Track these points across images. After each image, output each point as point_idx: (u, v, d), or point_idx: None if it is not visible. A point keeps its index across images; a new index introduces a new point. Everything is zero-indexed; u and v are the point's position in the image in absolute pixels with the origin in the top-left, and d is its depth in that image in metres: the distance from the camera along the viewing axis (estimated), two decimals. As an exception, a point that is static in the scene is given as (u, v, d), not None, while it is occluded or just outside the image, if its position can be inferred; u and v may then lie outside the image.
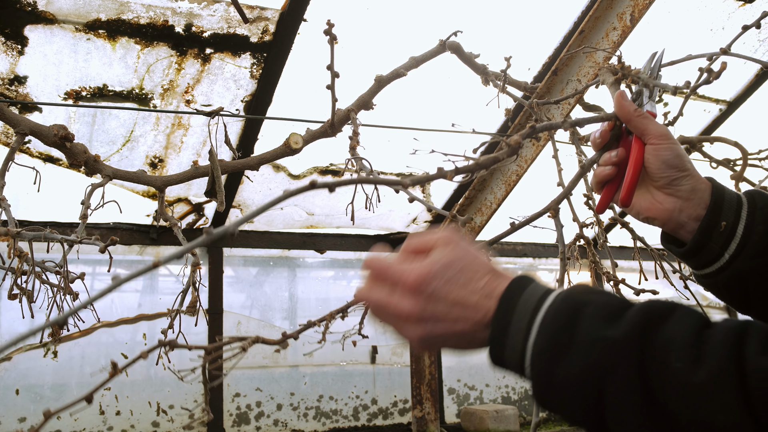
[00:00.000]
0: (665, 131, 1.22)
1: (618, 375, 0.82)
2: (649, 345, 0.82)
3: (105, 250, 1.82)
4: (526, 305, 0.91)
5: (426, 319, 0.94)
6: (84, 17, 2.51)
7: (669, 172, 1.21)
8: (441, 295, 0.94)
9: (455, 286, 0.94)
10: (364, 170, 1.89)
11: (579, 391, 0.84)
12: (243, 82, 2.90)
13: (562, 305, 0.89)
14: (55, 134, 1.90)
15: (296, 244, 3.97)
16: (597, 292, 0.92)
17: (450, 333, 0.95)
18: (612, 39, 2.76)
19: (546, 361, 0.87)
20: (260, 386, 3.83)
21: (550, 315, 0.88)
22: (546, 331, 0.88)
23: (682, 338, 0.81)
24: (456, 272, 0.95)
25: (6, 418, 3.23)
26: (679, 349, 0.80)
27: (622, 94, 1.25)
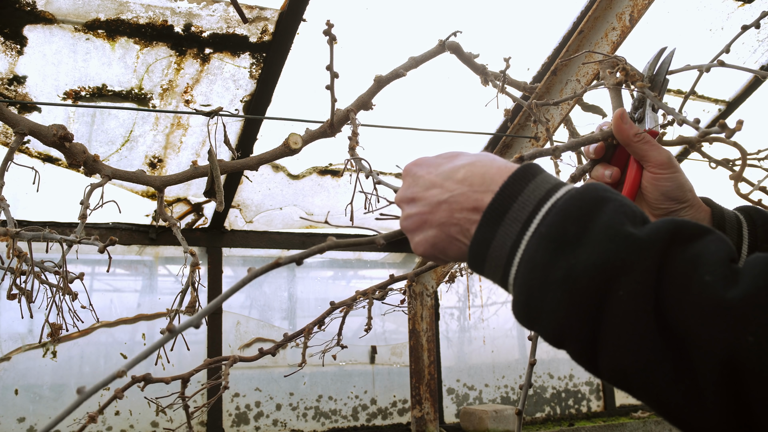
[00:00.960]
0: (666, 159, 1.12)
1: (633, 277, 0.71)
2: (675, 255, 0.72)
3: (104, 250, 1.82)
4: (533, 194, 0.79)
5: (407, 200, 0.89)
6: (83, 17, 2.51)
7: (668, 204, 1.14)
8: (421, 174, 0.89)
9: (437, 165, 0.88)
10: (363, 170, 1.89)
11: (580, 292, 0.72)
12: (242, 82, 2.90)
13: (578, 196, 0.77)
14: (54, 134, 1.90)
15: (295, 244, 3.97)
16: (618, 193, 0.80)
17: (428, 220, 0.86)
18: (611, 39, 2.76)
19: (545, 253, 0.75)
20: (259, 386, 3.83)
21: (561, 204, 0.77)
22: (553, 219, 0.76)
23: (715, 256, 0.71)
24: (444, 157, 0.89)
25: (5, 418, 3.23)
26: (710, 264, 0.70)
27: (621, 116, 1.14)
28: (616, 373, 0.72)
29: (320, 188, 3.68)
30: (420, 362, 3.98)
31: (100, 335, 3.52)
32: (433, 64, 2.19)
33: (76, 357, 3.44)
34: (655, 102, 1.19)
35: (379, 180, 1.79)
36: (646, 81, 1.24)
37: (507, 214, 0.79)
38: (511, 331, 4.74)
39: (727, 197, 1.50)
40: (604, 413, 4.80)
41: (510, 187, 0.80)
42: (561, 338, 0.74)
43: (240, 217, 3.69)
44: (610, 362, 0.72)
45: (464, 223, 0.84)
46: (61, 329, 1.93)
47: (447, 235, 0.86)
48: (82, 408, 3.34)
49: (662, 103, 1.20)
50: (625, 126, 1.13)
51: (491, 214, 0.80)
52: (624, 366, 0.70)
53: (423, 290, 4.06)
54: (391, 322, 4.34)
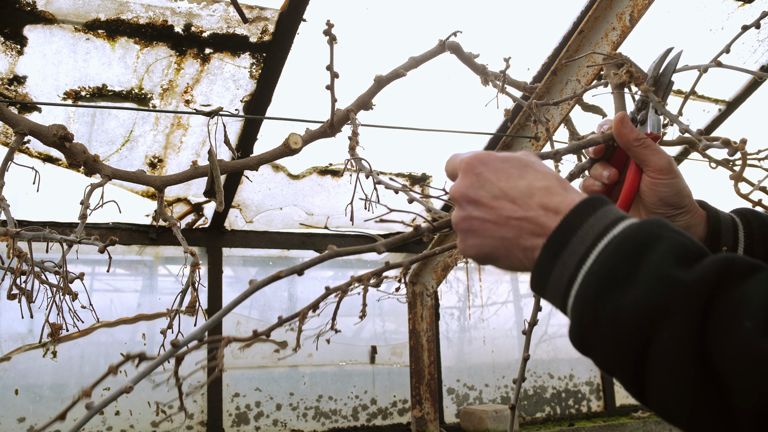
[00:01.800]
0: (666, 164, 1.11)
1: (677, 320, 0.72)
2: (720, 298, 0.72)
3: (104, 250, 1.82)
4: (592, 229, 0.81)
5: (469, 200, 0.88)
6: (83, 17, 2.51)
7: (665, 210, 1.13)
8: (489, 179, 0.87)
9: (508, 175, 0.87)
10: (363, 170, 1.89)
11: (626, 330, 0.74)
12: (242, 82, 2.90)
13: (632, 234, 0.79)
14: (55, 134, 1.90)
15: (295, 244, 3.97)
16: (675, 229, 0.81)
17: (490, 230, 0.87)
18: (611, 39, 2.76)
19: (598, 289, 0.77)
20: (259, 386, 3.83)
21: (615, 242, 0.79)
22: (606, 257, 0.78)
23: (760, 299, 0.70)
24: (514, 166, 0.88)
25: (5, 418, 3.23)
26: (752, 309, 0.70)
27: (621, 119, 1.13)
28: (662, 411, 0.74)
29: (320, 188, 3.68)
30: (420, 362, 3.98)
31: (101, 335, 3.52)
32: (434, 64, 2.19)
33: (77, 357, 3.44)
34: (659, 108, 1.18)
35: (379, 180, 1.79)
36: (650, 82, 1.22)
37: (566, 247, 0.82)
38: (511, 331, 4.74)
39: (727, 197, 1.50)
40: (604, 413, 4.80)
41: (572, 220, 0.82)
42: (611, 371, 0.78)
43: (240, 217, 3.69)
44: (655, 399, 0.74)
45: (527, 244, 0.86)
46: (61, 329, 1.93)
47: (506, 250, 0.88)
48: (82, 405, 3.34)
49: (666, 109, 1.18)
50: (625, 130, 1.13)
51: (552, 246, 0.82)
52: (668, 405, 0.73)
53: (423, 290, 4.06)
54: (391, 322, 4.34)
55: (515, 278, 4.87)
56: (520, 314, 4.81)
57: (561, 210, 0.84)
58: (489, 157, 0.90)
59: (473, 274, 4.63)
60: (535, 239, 0.85)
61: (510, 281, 4.84)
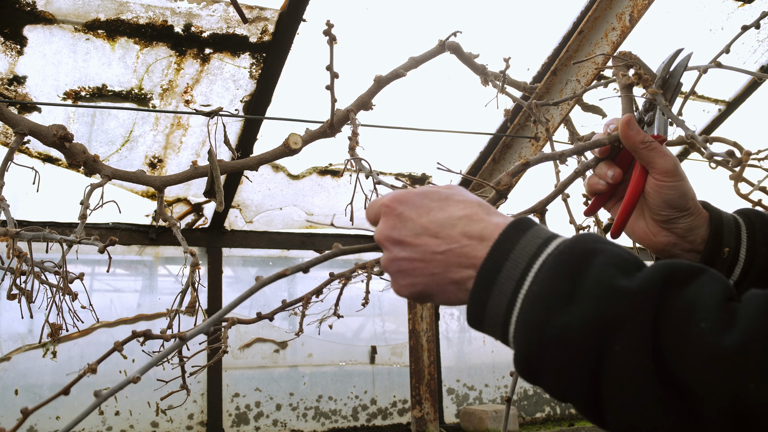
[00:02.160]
0: (672, 167, 1.10)
1: (628, 330, 0.70)
2: (668, 303, 0.71)
3: (104, 250, 1.82)
4: (525, 250, 0.79)
5: (393, 242, 0.86)
6: (83, 17, 2.51)
7: (668, 212, 1.12)
8: (410, 216, 0.85)
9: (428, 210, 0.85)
10: (363, 170, 1.89)
11: (576, 349, 0.71)
12: (242, 82, 2.90)
13: (567, 251, 0.77)
14: (54, 134, 1.90)
15: (295, 244, 3.97)
16: (609, 242, 0.79)
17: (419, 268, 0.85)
18: (611, 39, 2.76)
19: (540, 311, 0.74)
20: (259, 386, 3.83)
21: (552, 260, 0.76)
22: (545, 277, 0.75)
23: (709, 300, 0.70)
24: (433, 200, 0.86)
25: (5, 418, 3.23)
26: (705, 310, 0.69)
27: (628, 122, 1.11)
28: (624, 428, 0.71)
29: (320, 188, 3.68)
30: (420, 362, 3.98)
31: (100, 335, 3.52)
32: (433, 64, 2.19)
33: (76, 357, 3.44)
34: (666, 111, 1.17)
35: (379, 180, 1.79)
36: (659, 83, 1.21)
37: (501, 273, 0.78)
38: (511, 331, 4.73)
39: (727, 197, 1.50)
40: (604, 413, 4.80)
41: (502, 244, 0.79)
42: (563, 395, 0.74)
43: (240, 217, 3.69)
44: (615, 417, 0.71)
45: (457, 277, 0.83)
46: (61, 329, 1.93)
47: (438, 285, 0.85)
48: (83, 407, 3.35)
49: (672, 113, 1.18)
50: (631, 132, 1.11)
51: (485, 273, 0.79)
52: (630, 420, 0.70)
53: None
54: (391, 322, 4.34)
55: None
56: (520, 314, 4.81)
57: (486, 236, 0.81)
58: (407, 196, 0.88)
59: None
60: (464, 270, 0.82)
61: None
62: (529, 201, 1.25)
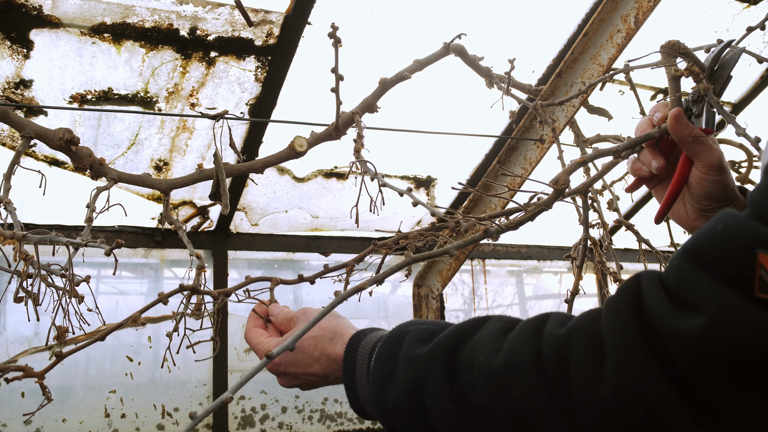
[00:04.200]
0: (717, 161, 1.13)
1: (430, 384, 0.88)
2: (458, 354, 0.89)
3: (110, 253, 1.82)
4: (364, 353, 1.03)
5: (286, 375, 1.19)
6: (89, 21, 2.52)
7: (709, 203, 1.15)
8: (291, 372, 1.17)
9: (300, 363, 1.15)
10: (368, 173, 1.89)
11: (406, 410, 0.91)
12: (247, 85, 2.90)
13: (387, 341, 1.00)
14: (61, 138, 1.91)
15: (301, 246, 3.97)
16: (422, 322, 1.03)
17: (307, 384, 1.16)
18: (616, 41, 2.76)
19: (378, 394, 0.95)
20: (265, 389, 3.84)
21: (379, 352, 0.99)
22: (375, 366, 0.98)
23: (487, 338, 0.88)
24: (298, 354, 1.15)
25: (12, 421, 3.24)
26: (483, 347, 0.86)
27: (677, 117, 1.15)
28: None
29: (325, 191, 3.68)
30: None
31: (107, 338, 3.53)
32: (438, 66, 2.19)
33: (82, 360, 3.45)
34: (717, 108, 1.17)
35: (384, 183, 1.79)
36: (707, 73, 1.20)
37: (356, 382, 1.04)
38: (517, 334, 4.72)
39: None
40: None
41: (346, 365, 1.07)
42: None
43: (245, 220, 3.70)
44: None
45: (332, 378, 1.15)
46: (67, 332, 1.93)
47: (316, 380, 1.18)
48: (89, 409, 3.35)
49: (724, 110, 1.18)
50: (680, 126, 1.15)
51: (346, 380, 1.07)
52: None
53: (428, 293, 4.06)
54: (396, 324, 4.33)
55: (520, 281, 4.86)
56: (525, 316, 4.79)
57: (337, 357, 1.10)
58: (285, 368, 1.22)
59: (478, 276, 4.63)
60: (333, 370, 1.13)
61: (515, 284, 4.84)
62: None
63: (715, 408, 0.66)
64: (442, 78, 3.19)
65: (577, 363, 0.76)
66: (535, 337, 0.82)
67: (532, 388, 0.78)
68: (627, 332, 0.72)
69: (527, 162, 3.29)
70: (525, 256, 4.76)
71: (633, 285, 0.77)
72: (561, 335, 0.79)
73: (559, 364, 0.77)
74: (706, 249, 0.70)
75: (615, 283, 2.28)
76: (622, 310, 0.74)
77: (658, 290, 0.73)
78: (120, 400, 3.46)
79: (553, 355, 0.78)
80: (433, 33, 2.89)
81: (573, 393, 0.76)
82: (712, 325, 0.65)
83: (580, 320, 0.80)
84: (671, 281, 0.73)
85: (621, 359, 0.72)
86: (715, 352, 0.65)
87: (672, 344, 0.68)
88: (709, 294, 0.67)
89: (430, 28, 2.97)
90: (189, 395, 3.64)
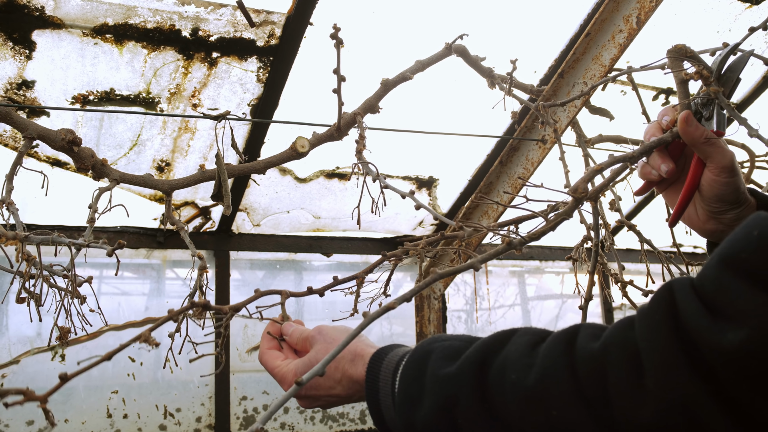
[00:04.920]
0: (729, 163, 1.13)
1: (462, 404, 0.87)
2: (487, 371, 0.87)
3: (112, 253, 1.82)
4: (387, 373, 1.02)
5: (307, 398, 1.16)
6: (91, 22, 2.52)
7: (720, 205, 1.15)
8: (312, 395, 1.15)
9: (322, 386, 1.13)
10: (370, 174, 1.89)
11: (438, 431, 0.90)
12: (249, 85, 2.91)
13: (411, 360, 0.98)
14: (63, 138, 1.91)
15: (303, 247, 3.97)
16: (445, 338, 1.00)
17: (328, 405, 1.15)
18: (618, 41, 2.76)
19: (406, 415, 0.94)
20: (267, 389, 3.84)
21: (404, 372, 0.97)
22: (401, 387, 0.96)
23: (516, 353, 0.86)
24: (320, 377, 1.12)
25: (14, 421, 3.24)
26: (513, 363, 0.85)
27: (686, 119, 1.14)
28: None
29: (327, 191, 3.68)
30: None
31: (108, 338, 3.53)
32: (440, 67, 2.19)
33: (85, 360, 3.45)
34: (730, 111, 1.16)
35: (386, 184, 1.79)
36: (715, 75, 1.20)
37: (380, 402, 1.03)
38: (519, 334, 4.72)
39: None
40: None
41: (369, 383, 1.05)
42: None
43: (247, 221, 3.70)
44: None
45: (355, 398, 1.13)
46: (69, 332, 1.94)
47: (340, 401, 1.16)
48: (92, 409, 3.35)
49: (736, 112, 1.17)
50: (690, 129, 1.14)
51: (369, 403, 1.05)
52: None
53: (430, 293, 4.06)
54: (398, 325, 4.34)
55: (522, 281, 4.86)
56: (528, 317, 4.80)
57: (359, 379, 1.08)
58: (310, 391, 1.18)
59: (480, 277, 4.63)
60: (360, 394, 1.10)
61: (517, 284, 4.83)
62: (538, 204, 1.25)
63: (760, 421, 0.65)
64: (444, 78, 3.19)
65: (616, 379, 0.74)
66: (568, 352, 0.80)
67: (570, 405, 0.77)
68: (666, 346, 0.71)
69: (529, 162, 3.29)
70: (527, 256, 4.76)
71: (666, 295, 0.75)
72: (595, 350, 0.77)
73: (597, 379, 0.76)
74: (743, 257, 0.68)
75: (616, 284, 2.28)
76: (658, 323, 0.73)
77: (693, 301, 0.71)
78: (122, 400, 3.46)
79: (590, 371, 0.76)
80: (435, 33, 2.89)
81: (613, 409, 0.74)
82: (754, 338, 0.63)
83: (613, 333, 0.78)
84: (707, 291, 0.71)
85: (661, 375, 0.70)
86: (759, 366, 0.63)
87: (713, 358, 0.67)
88: (749, 305, 0.65)
89: (432, 28, 2.97)
90: (191, 395, 3.64)
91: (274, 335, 1.28)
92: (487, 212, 3.65)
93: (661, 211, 2.40)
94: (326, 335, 1.17)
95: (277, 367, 1.17)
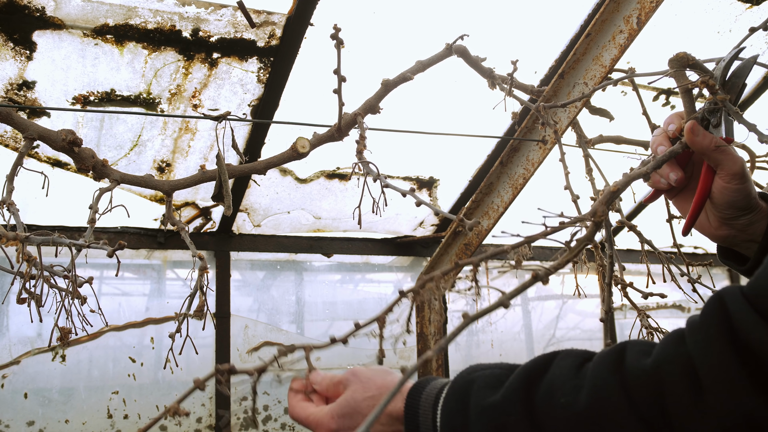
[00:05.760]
0: (739, 169, 1.12)
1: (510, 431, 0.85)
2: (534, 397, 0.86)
3: (113, 254, 1.83)
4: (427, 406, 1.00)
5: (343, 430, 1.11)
6: (92, 22, 2.52)
7: (731, 212, 1.14)
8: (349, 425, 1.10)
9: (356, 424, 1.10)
10: (371, 174, 1.90)
11: None
12: (250, 86, 2.91)
13: (452, 391, 0.97)
14: (63, 139, 1.91)
15: (303, 247, 3.97)
16: (485, 367, 1.00)
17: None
18: (618, 42, 2.76)
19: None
20: (268, 390, 3.84)
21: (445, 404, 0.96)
22: (444, 420, 0.95)
23: (562, 376, 0.85)
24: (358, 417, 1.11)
25: (15, 422, 3.24)
26: (561, 386, 0.84)
27: (692, 129, 1.13)
28: None
29: (328, 192, 3.68)
30: (428, 366, 3.97)
31: (109, 339, 3.53)
32: (441, 67, 2.19)
33: (85, 361, 3.46)
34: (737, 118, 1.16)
35: (386, 184, 1.80)
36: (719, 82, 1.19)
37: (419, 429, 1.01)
38: (519, 335, 4.73)
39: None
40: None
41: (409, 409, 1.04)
42: None
43: (248, 221, 3.70)
44: None
45: None
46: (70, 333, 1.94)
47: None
48: (92, 410, 3.35)
49: (744, 119, 1.17)
50: (698, 138, 1.13)
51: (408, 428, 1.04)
52: None
53: (432, 295, 4.05)
54: (398, 325, 4.33)
55: (523, 281, 4.86)
56: (528, 317, 4.80)
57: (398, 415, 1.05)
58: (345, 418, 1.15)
59: (481, 277, 4.63)
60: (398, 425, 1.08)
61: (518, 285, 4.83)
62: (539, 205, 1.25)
63: None
64: (444, 79, 3.19)
65: (675, 397, 0.73)
66: (618, 371, 0.79)
67: (626, 426, 0.75)
68: (724, 361, 0.70)
69: (529, 163, 3.29)
70: (527, 257, 4.75)
71: (717, 307, 0.74)
72: (648, 367, 0.76)
73: (653, 398, 0.74)
74: None
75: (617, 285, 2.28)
76: (713, 336, 0.72)
77: (749, 312, 0.70)
78: (123, 401, 3.46)
79: (644, 390, 0.75)
80: (435, 34, 2.89)
81: (673, 429, 0.73)
82: None
83: (665, 348, 0.77)
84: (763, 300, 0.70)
85: (722, 390, 0.69)
86: None
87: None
88: None
89: (432, 29, 2.97)
90: (192, 396, 3.64)
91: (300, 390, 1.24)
92: (487, 213, 3.65)
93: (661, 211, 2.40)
94: (361, 375, 1.16)
95: (311, 414, 1.15)
